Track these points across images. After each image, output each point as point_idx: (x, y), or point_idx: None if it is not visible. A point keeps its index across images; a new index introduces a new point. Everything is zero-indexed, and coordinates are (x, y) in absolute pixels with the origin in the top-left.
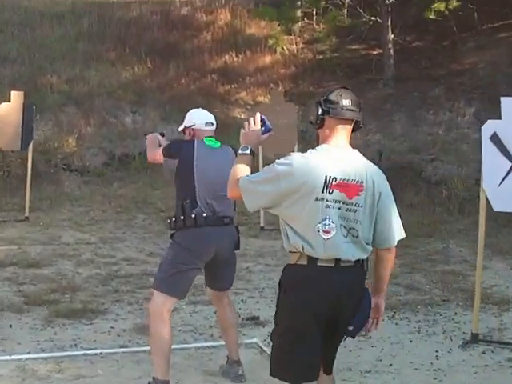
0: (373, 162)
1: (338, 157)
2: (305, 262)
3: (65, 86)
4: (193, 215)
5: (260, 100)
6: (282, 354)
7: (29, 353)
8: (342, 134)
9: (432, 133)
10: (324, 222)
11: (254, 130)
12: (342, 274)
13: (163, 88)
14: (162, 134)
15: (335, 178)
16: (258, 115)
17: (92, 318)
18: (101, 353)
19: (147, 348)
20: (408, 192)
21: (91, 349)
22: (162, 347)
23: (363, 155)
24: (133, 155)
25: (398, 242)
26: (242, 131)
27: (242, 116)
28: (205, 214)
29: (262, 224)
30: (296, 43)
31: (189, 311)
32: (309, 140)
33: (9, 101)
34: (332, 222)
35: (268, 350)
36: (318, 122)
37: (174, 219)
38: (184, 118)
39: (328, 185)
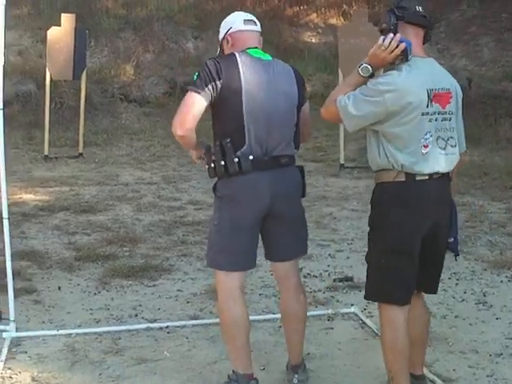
0: (462, 90)
1: (425, 67)
2: (403, 179)
3: (121, 10)
4: (236, 159)
5: (332, 22)
6: (387, 274)
7: (80, 326)
8: (417, 42)
9: None
10: (425, 137)
11: (385, 53)
12: (436, 185)
13: (227, 11)
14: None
15: (432, 89)
16: (397, 37)
17: (155, 278)
18: (167, 326)
19: None
20: (503, 124)
21: (155, 320)
22: (238, 334)
23: None
24: None
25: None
26: (373, 48)
27: (313, 40)
28: (251, 157)
29: (341, 161)
30: None
31: (268, 268)
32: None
33: (59, 25)
34: (430, 136)
35: (370, 322)
36: (392, 28)
37: (212, 165)
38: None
39: (430, 98)
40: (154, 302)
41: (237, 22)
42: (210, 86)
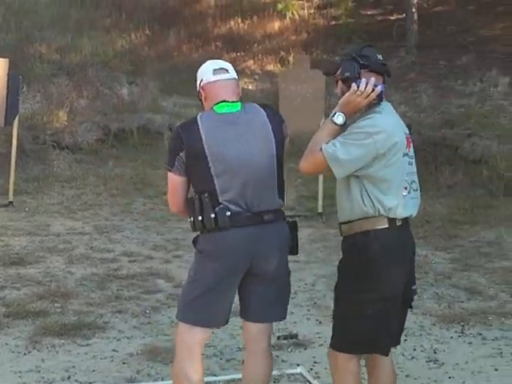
0: None
1: (392, 110)
2: (386, 225)
3: (55, 56)
4: (212, 215)
5: (269, 69)
6: (373, 323)
7: None
8: None
9: (463, 105)
10: (405, 178)
11: (361, 98)
12: (408, 231)
13: (163, 57)
14: None
15: (404, 132)
16: (372, 81)
17: (89, 337)
18: None
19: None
20: (444, 171)
21: (89, 383)
22: None
23: None
24: (130, 130)
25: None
26: (346, 95)
27: (250, 87)
28: (229, 213)
29: None
30: (307, 8)
31: None
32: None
33: None
34: (407, 178)
35: (317, 383)
36: (357, 76)
37: (191, 218)
38: None
39: (407, 138)
40: (87, 363)
41: (207, 72)
42: (176, 162)
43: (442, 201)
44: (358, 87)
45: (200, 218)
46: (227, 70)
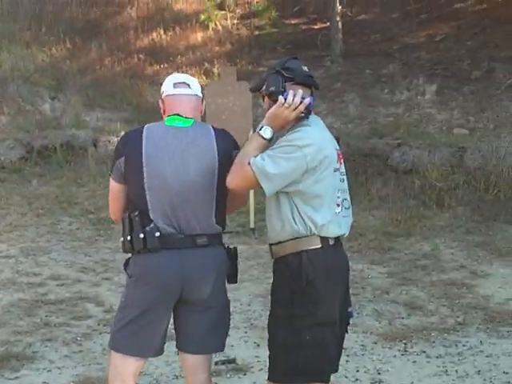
0: None
1: (321, 123)
2: (319, 245)
3: None
4: (141, 235)
5: None
6: (312, 351)
7: None
8: None
9: (391, 114)
10: (338, 195)
11: (288, 111)
12: (342, 251)
13: (85, 70)
14: None
15: (335, 146)
16: (300, 93)
17: (17, 369)
18: None
19: None
20: (375, 183)
21: None
22: None
23: None
24: (53, 147)
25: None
26: (273, 108)
27: None
28: (158, 233)
29: None
30: (230, 18)
31: None
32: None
33: None
34: (339, 195)
35: None
36: (282, 90)
37: (121, 238)
38: None
39: (338, 154)
40: None
41: (168, 85)
42: (115, 168)
43: (375, 213)
44: (286, 99)
45: (129, 237)
46: (189, 85)
